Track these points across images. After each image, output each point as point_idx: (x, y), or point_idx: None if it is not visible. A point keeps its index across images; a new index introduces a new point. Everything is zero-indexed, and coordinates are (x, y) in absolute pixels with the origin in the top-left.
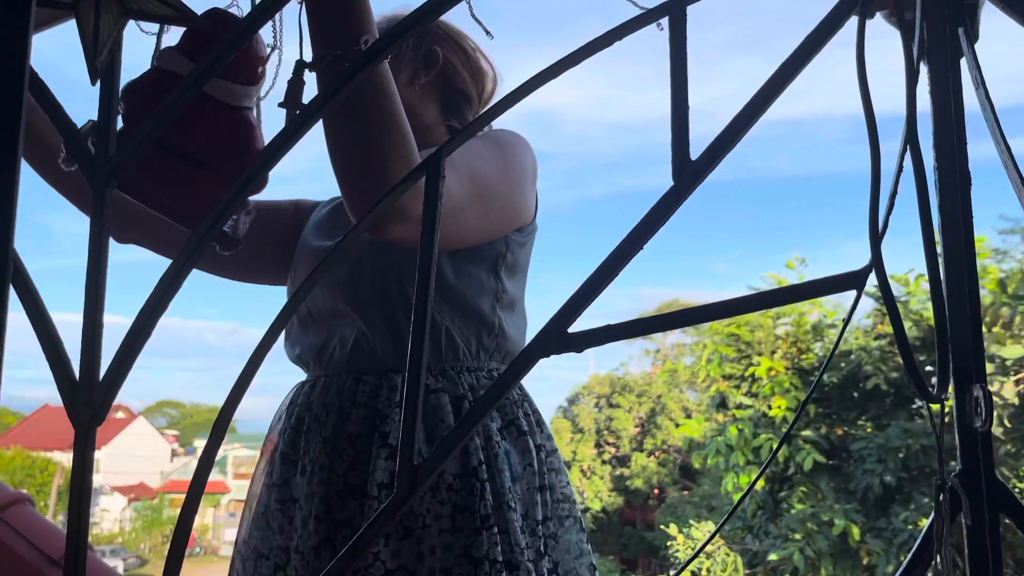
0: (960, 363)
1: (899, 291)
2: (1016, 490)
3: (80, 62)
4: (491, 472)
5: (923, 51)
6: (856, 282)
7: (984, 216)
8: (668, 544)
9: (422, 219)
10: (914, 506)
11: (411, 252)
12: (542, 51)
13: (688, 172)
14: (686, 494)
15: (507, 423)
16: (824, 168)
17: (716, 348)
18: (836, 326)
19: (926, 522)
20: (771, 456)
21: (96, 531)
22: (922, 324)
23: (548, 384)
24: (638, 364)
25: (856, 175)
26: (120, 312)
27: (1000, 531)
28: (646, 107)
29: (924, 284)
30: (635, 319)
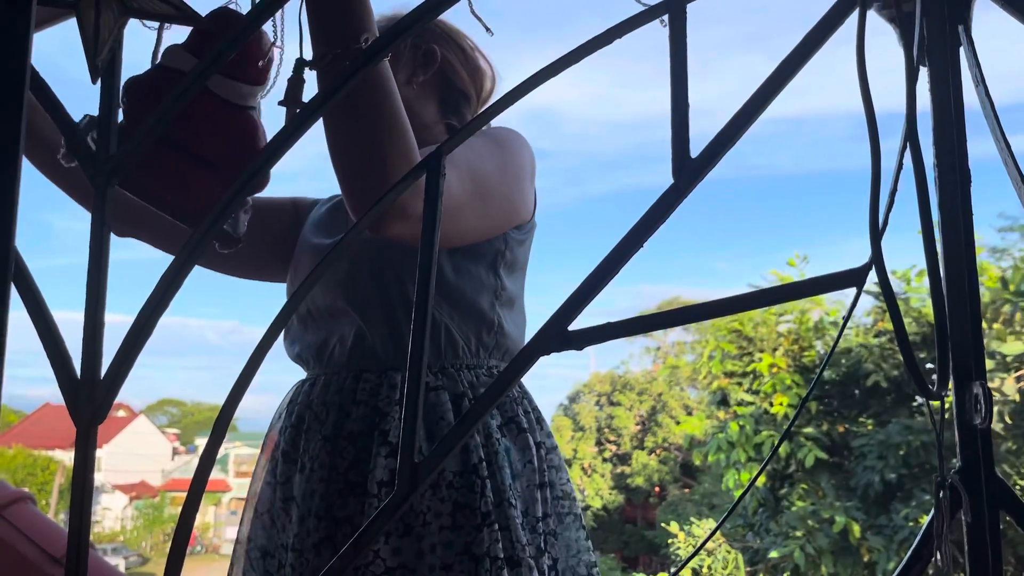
0: (960, 360)
1: (900, 287)
2: (1017, 488)
3: (81, 61)
4: (491, 469)
5: (923, 48)
6: (856, 279)
7: (982, 214)
8: (669, 542)
9: (422, 217)
10: (915, 503)
11: (410, 250)
12: (542, 49)
13: (688, 170)
14: (687, 492)
15: (507, 420)
16: (825, 166)
17: (718, 345)
18: (838, 324)
19: (927, 519)
20: (772, 452)
21: (97, 529)
22: (921, 321)
23: (549, 382)
24: (639, 362)
25: (857, 173)
26: (121, 311)
27: (1000, 528)
28: (646, 105)
29: (925, 281)
30: (635, 316)
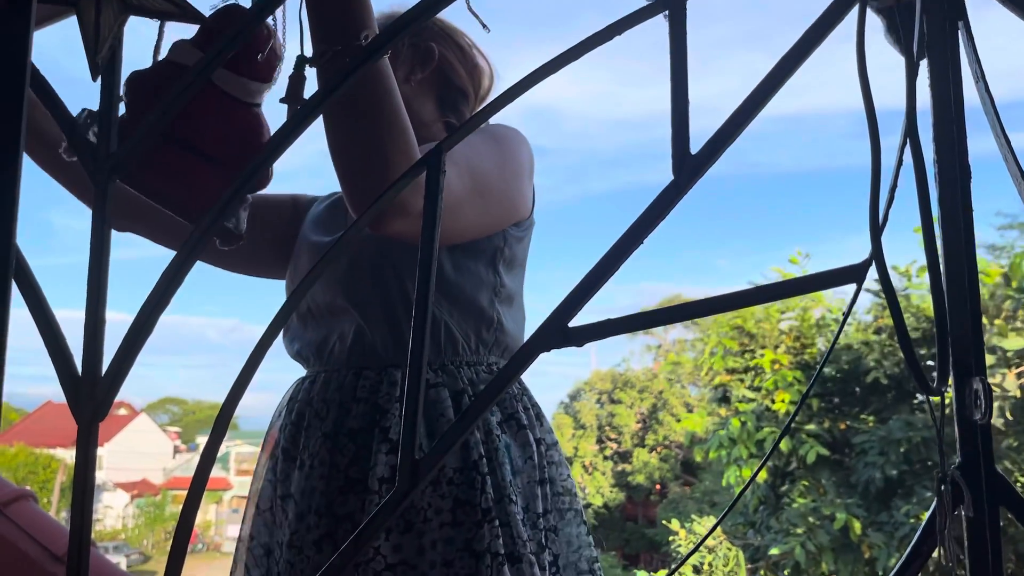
0: (960, 356)
1: (900, 283)
2: (1018, 484)
3: (81, 59)
4: (492, 466)
5: (922, 44)
6: (856, 275)
7: (980, 213)
8: (670, 539)
9: (422, 214)
10: (916, 499)
11: (410, 247)
12: (542, 47)
13: (688, 166)
14: (688, 490)
15: (507, 417)
16: (825, 164)
17: (720, 341)
18: (840, 320)
19: (927, 515)
20: (773, 447)
21: (99, 527)
22: (921, 316)
23: (549, 380)
24: (639, 360)
25: (857, 170)
26: (122, 309)
27: (1000, 523)
28: (647, 103)
29: (926, 277)
30: (635, 313)
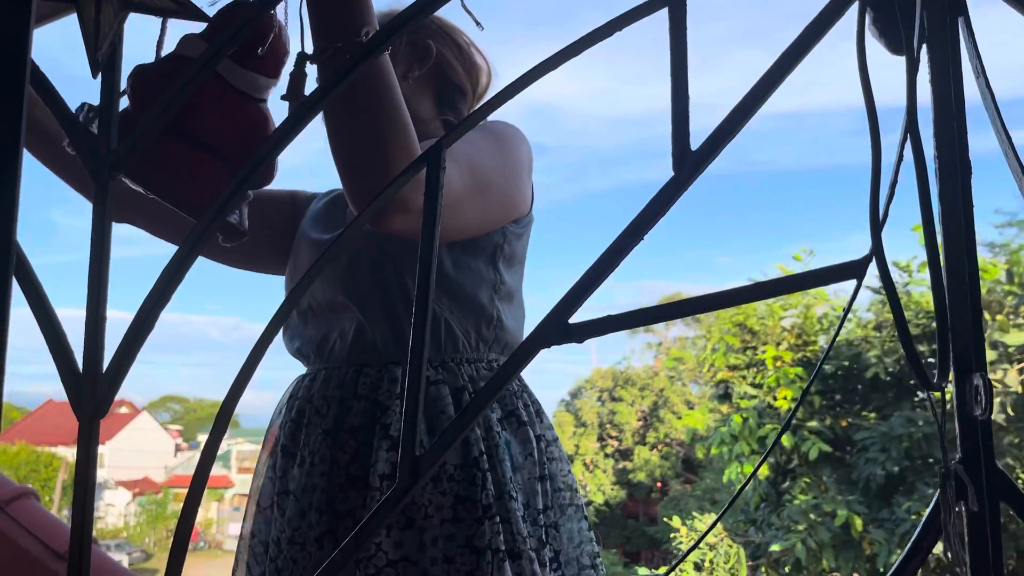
0: (960, 352)
1: (901, 279)
2: (1020, 481)
3: (81, 57)
4: (492, 462)
5: (923, 39)
6: (856, 271)
7: (978, 210)
8: (672, 536)
9: (423, 210)
10: (917, 496)
11: (409, 244)
12: (543, 45)
13: (688, 162)
14: (689, 487)
15: (507, 413)
16: (826, 161)
17: (722, 337)
18: (841, 317)
19: (927, 511)
20: (774, 443)
21: (101, 525)
22: (920, 312)
23: (550, 378)
24: (640, 358)
25: (858, 168)
26: (123, 308)
27: (1000, 519)
28: (647, 101)
29: (926, 273)
30: (636, 309)
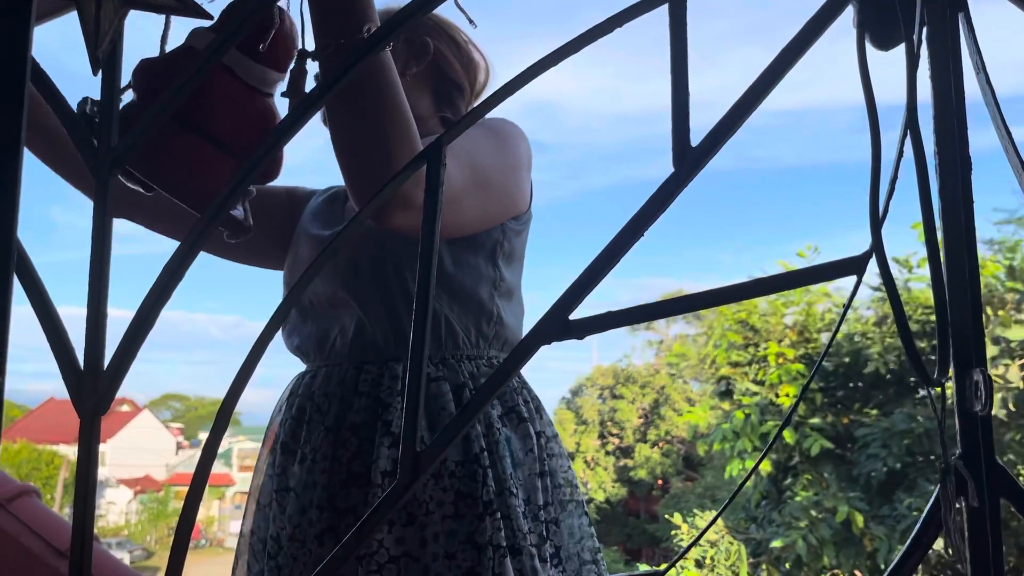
0: (960, 347)
1: (901, 274)
2: (1021, 478)
3: (82, 54)
4: (493, 459)
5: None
6: (856, 267)
7: (977, 208)
8: (673, 533)
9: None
10: (918, 492)
11: (409, 241)
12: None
13: (689, 158)
14: (690, 485)
15: (507, 410)
16: (827, 158)
17: (724, 333)
18: (841, 313)
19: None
20: (774, 438)
21: (102, 523)
22: (920, 308)
23: (551, 375)
24: (641, 355)
25: (859, 165)
26: (124, 306)
27: (1000, 514)
28: (648, 98)
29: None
30: (636, 306)
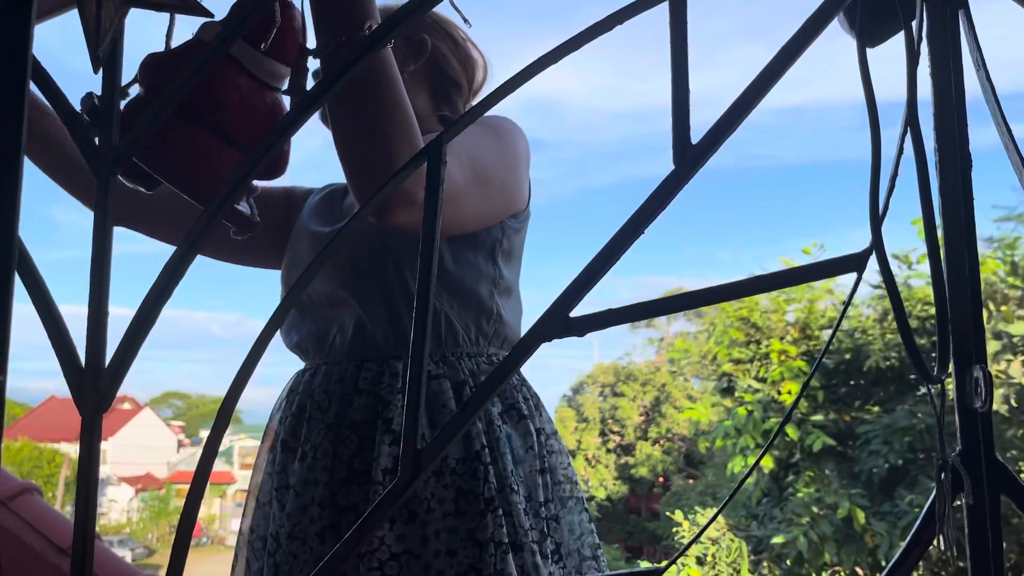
0: (960, 344)
1: (900, 271)
2: (1022, 475)
3: (82, 53)
4: (493, 456)
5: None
6: (856, 264)
7: (976, 205)
8: (674, 531)
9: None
10: (919, 489)
11: (409, 238)
12: (544, 39)
13: (689, 156)
14: (691, 483)
15: (508, 407)
16: (828, 156)
17: (726, 330)
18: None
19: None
20: (775, 434)
21: (104, 521)
22: (920, 305)
23: (552, 373)
24: (642, 353)
25: (860, 162)
26: (125, 304)
27: (1000, 511)
28: (649, 96)
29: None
30: (636, 303)
